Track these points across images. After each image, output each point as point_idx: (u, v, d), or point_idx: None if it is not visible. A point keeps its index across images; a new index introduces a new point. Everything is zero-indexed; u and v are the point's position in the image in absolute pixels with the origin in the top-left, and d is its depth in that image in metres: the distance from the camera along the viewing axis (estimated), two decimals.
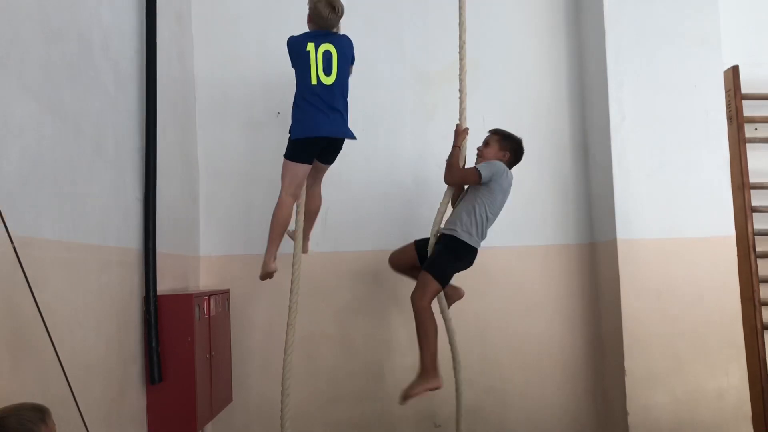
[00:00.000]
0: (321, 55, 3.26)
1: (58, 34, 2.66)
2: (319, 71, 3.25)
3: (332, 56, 3.27)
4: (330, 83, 3.26)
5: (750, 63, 4.50)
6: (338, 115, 3.31)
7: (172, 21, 4.05)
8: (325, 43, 3.27)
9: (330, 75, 3.26)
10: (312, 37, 3.31)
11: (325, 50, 3.26)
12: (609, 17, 4.18)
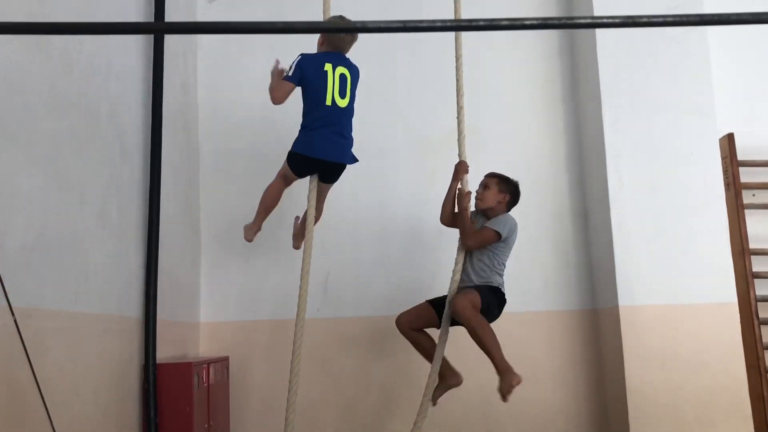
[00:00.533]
0: (338, 77, 3.26)
1: (67, 107, 2.72)
2: (336, 93, 3.25)
3: (347, 80, 3.29)
4: (343, 106, 3.28)
5: (745, 130, 4.57)
6: (345, 141, 3.33)
7: (178, 90, 4.15)
8: (341, 66, 3.29)
9: (344, 98, 3.28)
10: (329, 57, 3.29)
11: (341, 73, 3.27)
12: (605, 87, 4.27)
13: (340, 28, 2.75)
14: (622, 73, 4.28)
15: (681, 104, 4.28)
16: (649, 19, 1.78)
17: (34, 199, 2.42)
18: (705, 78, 4.33)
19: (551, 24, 2.19)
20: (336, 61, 3.29)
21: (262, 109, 4.53)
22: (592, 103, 4.40)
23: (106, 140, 3.08)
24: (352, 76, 3.33)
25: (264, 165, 4.51)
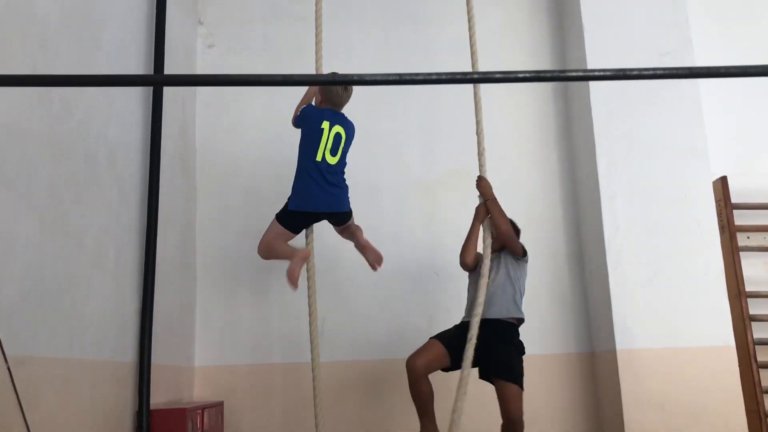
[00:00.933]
0: (332, 136, 3.39)
1: (66, 153, 2.75)
2: (327, 150, 3.37)
3: (341, 139, 3.42)
4: (333, 163, 3.39)
5: (738, 173, 4.61)
6: (336, 190, 3.41)
7: (177, 134, 4.19)
8: (338, 125, 3.42)
9: (335, 156, 3.39)
10: (328, 115, 3.42)
11: (336, 132, 3.40)
12: (598, 130, 4.32)
13: (337, 81, 2.82)
14: (616, 117, 4.34)
15: (674, 147, 4.33)
16: (639, 72, 1.81)
17: (31, 245, 2.43)
18: (697, 121, 4.39)
19: (544, 77, 2.25)
20: (333, 119, 3.42)
21: (259, 152, 4.62)
22: (586, 146, 4.45)
23: (105, 185, 3.10)
24: (347, 136, 3.44)
25: (261, 207, 4.53)
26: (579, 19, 4.48)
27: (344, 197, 3.47)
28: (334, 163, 3.39)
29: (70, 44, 2.83)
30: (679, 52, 4.42)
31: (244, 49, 4.81)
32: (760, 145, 4.75)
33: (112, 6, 3.32)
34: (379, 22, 4.85)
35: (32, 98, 2.49)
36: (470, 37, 3.52)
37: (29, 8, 2.53)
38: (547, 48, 4.86)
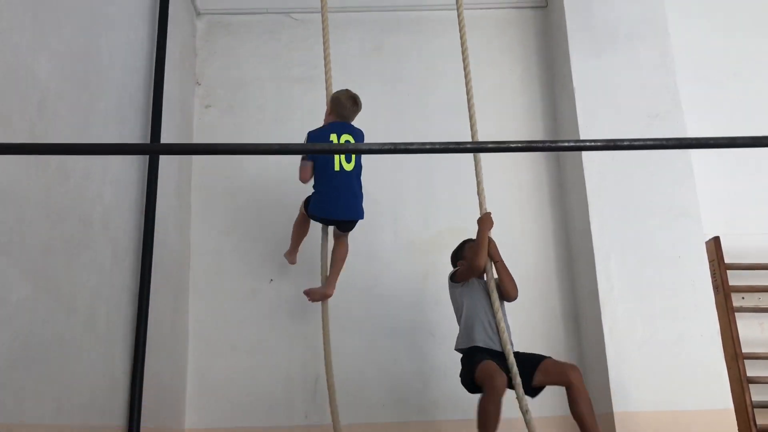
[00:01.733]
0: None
1: (61, 215, 2.75)
2: (342, 159, 3.60)
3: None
4: (350, 169, 3.62)
5: (730, 233, 4.64)
6: (354, 199, 3.66)
7: (172, 194, 4.20)
8: (345, 133, 3.62)
9: (350, 162, 3.62)
10: (334, 128, 3.64)
11: (345, 140, 3.60)
12: (591, 191, 4.35)
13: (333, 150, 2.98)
14: (608, 177, 4.38)
15: (666, 208, 4.36)
16: (630, 143, 1.84)
17: (21, 309, 2.41)
18: (688, 182, 4.43)
19: (536, 147, 2.29)
20: (340, 130, 3.63)
21: (254, 212, 4.64)
22: (579, 206, 4.48)
23: (98, 247, 3.09)
24: (357, 141, 3.64)
25: (255, 267, 4.55)
26: (570, 82, 4.57)
27: (359, 204, 3.69)
28: (351, 169, 3.62)
29: (68, 107, 2.86)
30: (670, 114, 4.49)
31: (242, 109, 4.88)
32: (751, 205, 4.80)
33: (111, 68, 3.38)
34: (375, 83, 4.93)
35: (29, 162, 2.51)
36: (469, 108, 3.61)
37: (30, 72, 2.57)
38: (539, 109, 4.95)
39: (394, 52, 5.03)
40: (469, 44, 4.93)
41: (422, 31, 5.04)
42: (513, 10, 5.15)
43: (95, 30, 3.18)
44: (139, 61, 3.80)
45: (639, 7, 4.68)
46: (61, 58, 2.81)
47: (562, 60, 4.72)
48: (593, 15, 4.67)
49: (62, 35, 2.83)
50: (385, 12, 5.08)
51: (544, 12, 5.10)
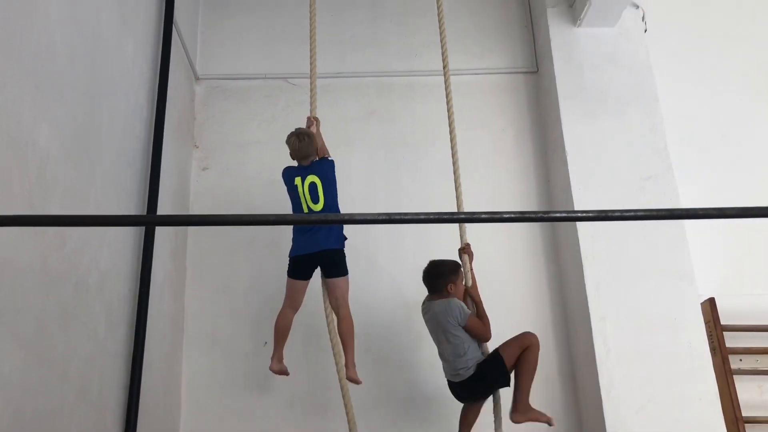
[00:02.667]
0: (307, 188, 3.64)
1: (57, 282, 2.75)
2: (308, 201, 3.64)
3: (317, 186, 3.64)
4: (318, 209, 3.61)
5: (725, 294, 4.66)
6: (323, 232, 3.59)
7: (167, 258, 4.21)
8: (310, 175, 3.66)
9: (318, 203, 3.63)
10: (298, 171, 3.71)
11: (310, 182, 3.64)
12: (585, 253, 4.36)
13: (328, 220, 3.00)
14: (601, 239, 4.39)
15: (660, 269, 4.37)
16: (621, 213, 1.87)
17: (14, 378, 2.38)
18: (681, 243, 4.45)
19: (529, 218, 2.32)
20: (304, 172, 3.68)
21: (249, 274, 4.63)
22: (573, 268, 4.49)
23: (93, 313, 3.08)
24: (323, 179, 3.65)
25: (250, 330, 4.52)
26: (562, 145, 4.64)
27: (330, 236, 3.61)
28: (320, 209, 3.61)
29: (67, 173, 2.89)
30: (661, 177, 4.55)
31: (238, 172, 4.93)
32: (745, 266, 4.83)
33: (111, 133, 3.43)
34: (370, 146, 5.01)
35: (27, 229, 2.52)
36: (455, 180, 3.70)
37: (31, 140, 2.61)
38: (532, 171, 5.00)
39: (388, 115, 5.12)
40: (462, 108, 5.07)
41: (415, 95, 5.15)
42: (505, 75, 5.27)
43: (96, 97, 3.25)
44: (138, 126, 3.86)
45: (628, 73, 4.81)
46: (62, 125, 2.86)
47: (554, 123, 4.81)
48: (583, 80, 4.79)
49: (63, 103, 2.89)
50: (379, 77, 5.20)
51: (535, 77, 5.23)
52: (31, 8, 2.63)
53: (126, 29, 3.68)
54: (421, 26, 5.21)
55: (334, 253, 3.62)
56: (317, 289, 3.74)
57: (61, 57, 2.87)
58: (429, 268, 3.68)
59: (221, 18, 5.34)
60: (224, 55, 5.24)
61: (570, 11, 4.97)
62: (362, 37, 5.31)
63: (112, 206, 3.40)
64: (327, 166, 3.72)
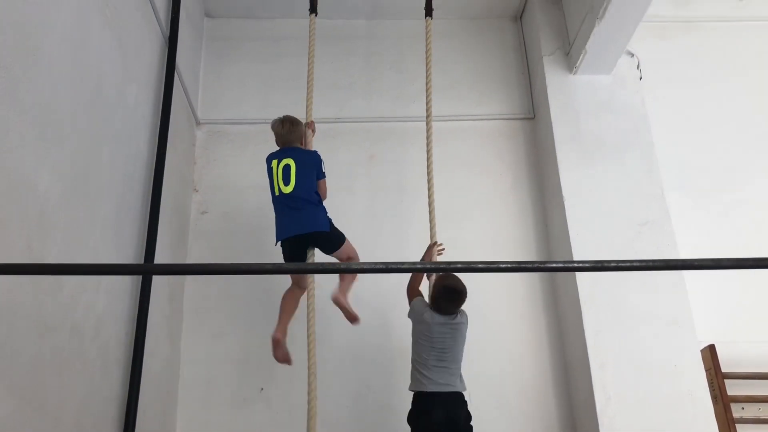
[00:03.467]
0: (281, 169, 3.63)
1: (52, 327, 2.74)
2: (280, 183, 3.62)
3: (291, 168, 3.62)
4: (289, 192, 3.58)
5: (726, 341, 4.61)
6: (302, 213, 3.57)
7: (165, 302, 4.19)
8: (286, 158, 3.66)
9: (288, 185, 3.59)
10: (276, 154, 3.74)
11: (285, 164, 3.64)
12: (584, 299, 4.35)
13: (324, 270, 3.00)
14: (600, 285, 4.38)
15: (660, 316, 4.34)
16: (617, 264, 1.88)
17: (6, 426, 2.35)
18: (680, 290, 4.43)
19: (525, 267, 2.33)
20: (281, 155, 3.70)
21: (246, 319, 4.61)
22: (572, 315, 4.47)
23: (88, 358, 3.06)
24: (298, 162, 3.63)
25: (246, 376, 4.47)
26: (559, 190, 4.67)
27: (311, 218, 3.58)
28: (290, 192, 3.58)
29: (67, 218, 2.91)
30: (658, 223, 4.57)
31: (237, 215, 4.95)
32: (745, 312, 4.80)
33: (111, 178, 3.45)
34: (368, 189, 5.04)
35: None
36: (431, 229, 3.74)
37: (32, 186, 2.63)
38: (530, 216, 5.02)
39: (386, 160, 5.17)
40: (460, 153, 5.14)
41: (413, 141, 5.19)
42: (502, 121, 5.34)
43: (98, 142, 3.28)
44: (139, 170, 3.89)
45: (624, 119, 4.87)
46: (63, 170, 2.88)
47: (552, 169, 4.85)
48: (580, 127, 4.84)
49: (65, 149, 2.92)
50: (377, 122, 5.26)
51: (533, 123, 5.29)
52: (36, 58, 2.68)
53: (128, 75, 3.74)
54: (419, 73, 5.26)
55: (322, 235, 3.63)
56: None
57: (64, 104, 2.91)
58: (463, 289, 3.60)
59: (223, 64, 5.43)
60: (225, 100, 5.31)
61: (566, 59, 5.06)
62: (360, 84, 5.40)
63: (111, 250, 3.41)
64: (309, 155, 3.74)
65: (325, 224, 3.62)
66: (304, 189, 3.60)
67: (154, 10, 4.20)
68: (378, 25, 5.64)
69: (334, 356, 4.48)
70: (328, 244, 3.69)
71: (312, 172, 3.67)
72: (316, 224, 3.59)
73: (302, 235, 3.58)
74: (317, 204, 3.63)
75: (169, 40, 4.43)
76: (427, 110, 4.26)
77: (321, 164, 3.74)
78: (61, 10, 2.91)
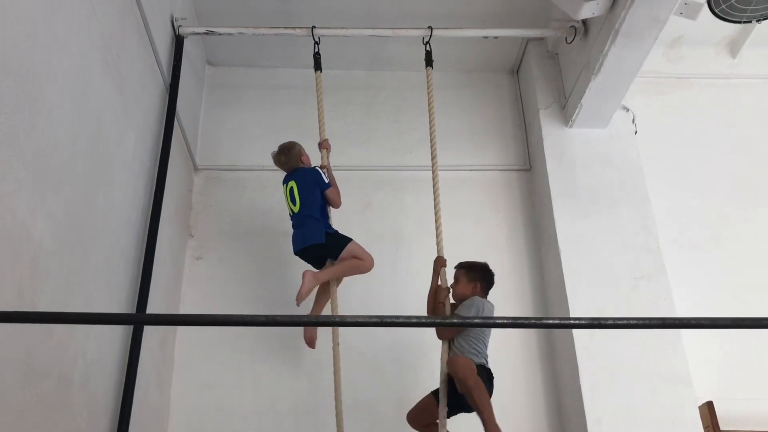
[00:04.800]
0: (288, 192, 4.16)
1: (40, 375, 2.69)
2: (290, 204, 4.15)
3: (294, 190, 4.10)
4: (296, 211, 4.09)
5: (724, 398, 4.55)
6: (303, 229, 4.05)
7: (156, 348, 4.14)
8: (290, 181, 4.16)
9: (295, 204, 4.10)
10: (285, 179, 4.24)
11: (290, 187, 4.14)
12: (580, 353, 4.30)
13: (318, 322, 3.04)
14: (596, 340, 4.32)
15: (657, 372, 4.29)
16: (614, 321, 1.87)
17: None
18: (677, 345, 4.39)
19: (521, 324, 2.32)
20: (287, 179, 4.20)
21: (237, 370, 4.54)
22: (569, 369, 4.42)
23: (75, 407, 2.99)
24: (299, 183, 4.10)
25: (236, 427, 4.38)
26: (555, 242, 4.68)
27: (308, 232, 4.02)
28: (297, 211, 4.08)
29: (60, 264, 2.88)
30: (654, 276, 4.56)
31: (231, 261, 4.93)
32: (743, 369, 4.75)
33: (106, 224, 3.44)
34: (366, 237, 4.97)
35: None
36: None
37: (25, 231, 2.61)
38: (526, 267, 5.01)
39: (383, 208, 5.18)
40: (457, 203, 5.15)
41: (410, 189, 5.22)
42: (499, 172, 5.38)
43: (95, 188, 3.28)
44: (134, 215, 3.88)
45: (619, 173, 4.90)
46: (58, 216, 2.87)
47: (547, 220, 4.86)
48: (576, 179, 4.87)
49: (61, 195, 2.91)
50: (373, 171, 5.29)
51: (529, 174, 5.33)
52: (37, 105, 2.69)
53: (128, 121, 3.77)
54: (416, 123, 5.34)
55: (321, 246, 4.00)
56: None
57: (63, 151, 2.92)
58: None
59: (223, 111, 5.49)
60: (224, 146, 5.35)
61: (562, 112, 5.12)
62: (358, 133, 5.45)
63: (104, 297, 3.37)
64: (307, 173, 4.17)
65: (320, 236, 3.99)
66: (307, 206, 4.06)
67: (157, 58, 4.26)
68: (376, 76, 5.73)
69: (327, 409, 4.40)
70: (330, 252, 4.03)
71: (313, 188, 4.10)
72: (312, 238, 4.00)
73: (306, 249, 4.03)
74: (317, 219, 4.04)
75: (170, 87, 4.47)
76: (432, 157, 4.30)
77: (321, 177, 4.14)
78: (64, 58, 2.95)
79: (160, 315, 3.81)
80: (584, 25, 4.78)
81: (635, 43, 4.32)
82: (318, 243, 3.98)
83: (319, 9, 5.14)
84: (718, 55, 5.86)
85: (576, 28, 4.82)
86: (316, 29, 4.62)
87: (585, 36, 4.77)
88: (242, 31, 4.80)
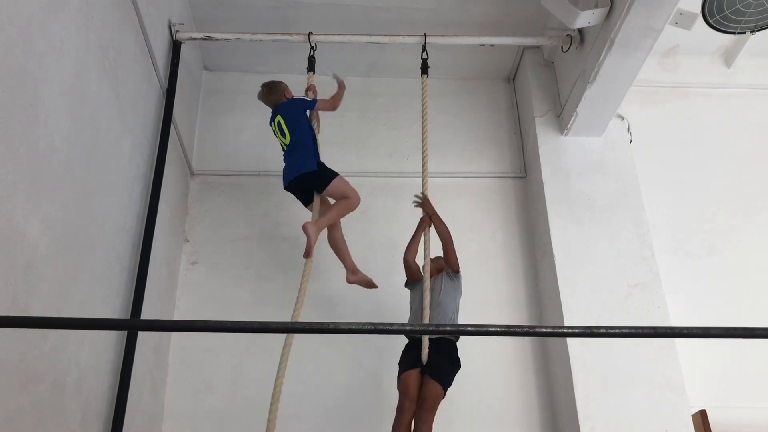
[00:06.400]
0: (277, 127, 4.10)
1: (34, 381, 2.69)
2: (280, 138, 4.10)
3: (282, 123, 4.06)
4: (288, 142, 4.04)
5: (717, 406, 4.57)
6: (294, 159, 4.00)
7: (150, 353, 4.13)
8: (276, 116, 4.11)
9: (285, 137, 4.05)
10: (271, 117, 4.18)
11: (278, 122, 4.09)
12: (574, 362, 4.31)
13: (313, 330, 3.01)
14: (590, 348, 4.32)
15: (651, 380, 4.30)
16: (607, 330, 1.88)
17: None
18: (671, 353, 4.40)
19: (514, 332, 2.33)
20: (273, 115, 4.15)
21: (231, 374, 4.54)
22: (563, 377, 4.42)
23: (69, 413, 2.99)
24: (285, 116, 4.07)
25: (228, 427, 4.37)
26: (550, 249, 4.68)
27: (299, 161, 3.96)
28: (289, 142, 4.03)
29: (55, 269, 2.89)
30: (648, 284, 4.57)
31: (227, 267, 4.92)
32: (737, 377, 4.75)
33: (102, 229, 3.44)
34: (361, 244, 5.00)
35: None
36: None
37: (21, 236, 2.61)
38: (521, 274, 5.01)
39: (379, 214, 5.18)
40: (453, 210, 5.14)
41: (406, 196, 5.17)
42: (494, 179, 5.39)
43: (91, 193, 3.28)
44: (130, 220, 3.88)
45: (614, 181, 4.92)
46: (53, 221, 2.88)
47: (542, 228, 4.87)
48: (570, 187, 4.89)
49: (57, 200, 2.91)
50: (369, 177, 5.29)
51: (524, 182, 5.34)
52: (34, 110, 2.70)
53: (125, 126, 3.78)
54: (413, 130, 5.34)
55: (312, 175, 3.93)
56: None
57: (59, 156, 2.92)
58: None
59: (220, 116, 5.49)
60: (220, 151, 5.35)
61: (557, 121, 5.14)
62: (354, 140, 5.46)
63: (98, 302, 3.37)
64: (291, 102, 4.14)
65: (312, 164, 3.95)
66: (297, 135, 4.02)
67: (154, 63, 4.27)
68: (373, 83, 5.74)
69: (318, 413, 4.41)
70: (318, 183, 3.95)
71: (299, 115, 4.09)
72: (304, 166, 3.94)
73: (298, 179, 3.95)
74: (310, 148, 4.00)
75: (167, 92, 4.48)
76: (423, 164, 4.30)
77: (305, 99, 4.14)
78: (61, 63, 2.95)
79: (154, 321, 3.81)
80: (580, 34, 4.80)
81: (630, 52, 4.34)
82: (311, 171, 3.94)
83: (316, 16, 5.16)
84: (714, 64, 5.89)
85: (572, 36, 4.85)
86: (312, 35, 4.63)
87: (581, 45, 4.80)
88: (239, 36, 4.81)
